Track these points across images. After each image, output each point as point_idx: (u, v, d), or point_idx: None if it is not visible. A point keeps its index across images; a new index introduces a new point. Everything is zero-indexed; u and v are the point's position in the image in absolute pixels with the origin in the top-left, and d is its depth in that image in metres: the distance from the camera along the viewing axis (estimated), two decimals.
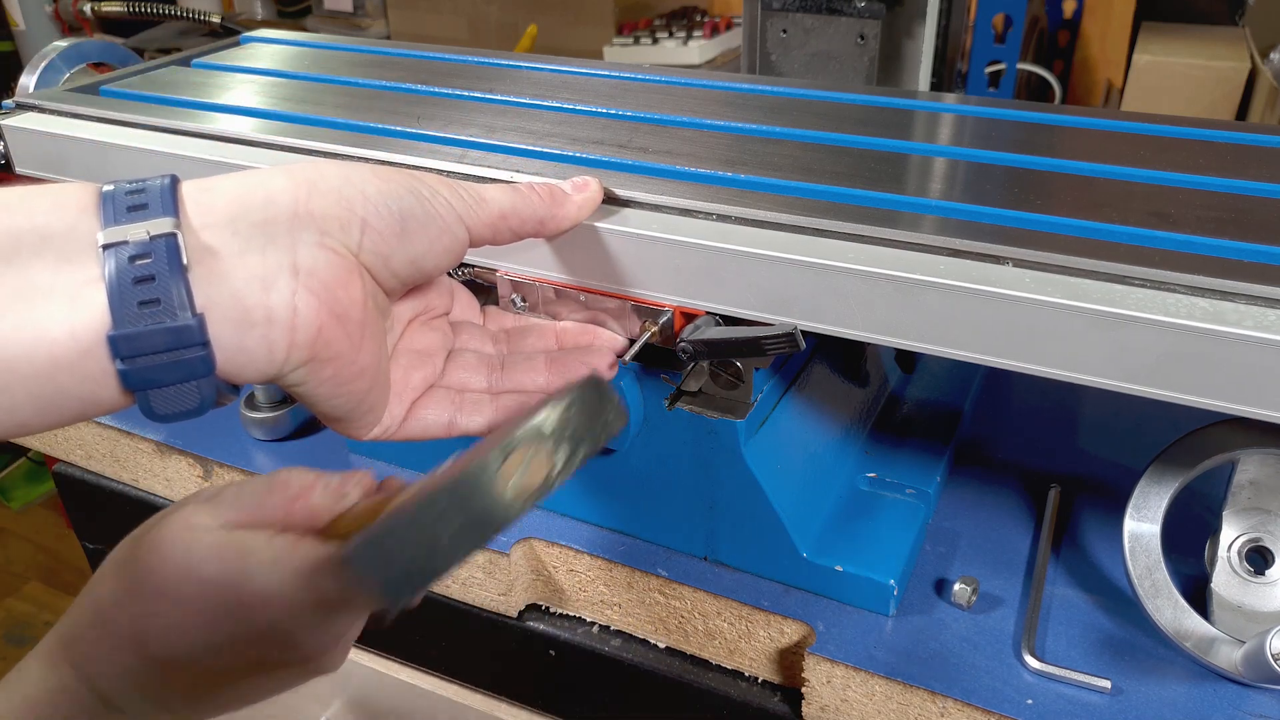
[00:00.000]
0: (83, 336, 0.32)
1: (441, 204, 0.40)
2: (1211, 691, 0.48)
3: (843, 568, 0.53)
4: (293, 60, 0.77)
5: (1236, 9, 1.51)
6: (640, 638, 0.58)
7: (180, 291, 0.33)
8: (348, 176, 0.38)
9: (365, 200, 0.38)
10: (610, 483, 0.57)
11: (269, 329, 0.35)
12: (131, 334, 0.32)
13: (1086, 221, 0.46)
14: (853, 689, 0.50)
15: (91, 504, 0.75)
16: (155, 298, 0.33)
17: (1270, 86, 1.26)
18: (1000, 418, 0.70)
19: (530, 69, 0.73)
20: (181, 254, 0.33)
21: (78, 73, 0.74)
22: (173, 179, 0.35)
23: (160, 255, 0.33)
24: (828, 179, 0.52)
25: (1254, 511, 0.50)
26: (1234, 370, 0.39)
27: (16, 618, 1.87)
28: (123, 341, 0.32)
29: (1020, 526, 0.59)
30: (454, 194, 0.41)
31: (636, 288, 0.50)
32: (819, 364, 0.60)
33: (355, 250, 0.37)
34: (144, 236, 0.33)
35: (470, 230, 0.41)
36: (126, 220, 0.33)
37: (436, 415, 0.44)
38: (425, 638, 0.65)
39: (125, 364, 0.33)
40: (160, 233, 0.33)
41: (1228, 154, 0.55)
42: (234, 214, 0.35)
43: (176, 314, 0.33)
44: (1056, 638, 0.52)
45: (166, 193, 0.35)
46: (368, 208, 0.38)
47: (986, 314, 0.42)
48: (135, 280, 0.33)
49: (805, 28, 0.81)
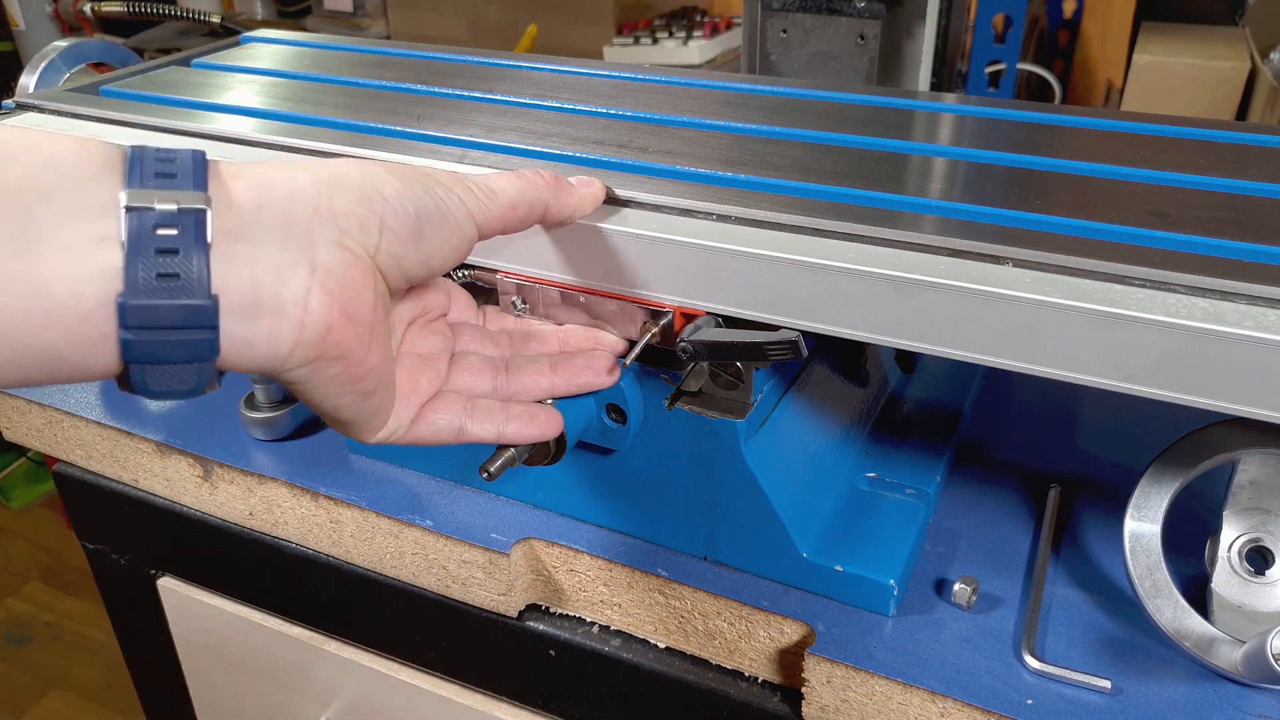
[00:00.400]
0: (88, 297, 0.31)
1: (455, 202, 0.40)
2: (1211, 691, 0.48)
3: (843, 568, 0.53)
4: (293, 60, 0.77)
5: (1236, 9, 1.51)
6: (640, 638, 0.58)
7: (202, 270, 0.32)
8: (368, 175, 0.38)
9: (384, 201, 0.38)
10: (610, 483, 0.57)
11: (277, 321, 0.34)
12: (146, 305, 0.31)
13: (1086, 221, 0.46)
14: (853, 689, 0.50)
15: (91, 504, 0.75)
16: (175, 272, 0.31)
17: (1270, 86, 1.26)
18: (1000, 418, 0.70)
19: (530, 69, 0.73)
20: (208, 232, 0.32)
21: (78, 73, 0.74)
22: (202, 155, 0.35)
23: (188, 229, 0.32)
24: (828, 179, 0.52)
25: (1254, 511, 0.50)
26: (1234, 370, 0.39)
27: (16, 618, 1.87)
28: (134, 311, 0.31)
29: (1020, 526, 0.59)
30: (467, 191, 0.41)
31: (636, 288, 0.50)
32: (819, 364, 0.60)
33: (373, 251, 0.37)
34: (172, 208, 0.32)
35: (481, 227, 0.41)
36: (154, 185, 0.32)
37: (447, 420, 0.44)
38: (425, 638, 0.65)
39: (131, 334, 0.31)
40: (191, 207, 0.32)
41: (1228, 154, 0.55)
42: (258, 202, 0.35)
43: (195, 292, 0.32)
44: (1056, 638, 0.52)
45: (199, 167, 0.34)
46: (387, 208, 0.37)
47: (986, 314, 0.42)
48: (158, 251, 0.31)
49: (805, 28, 0.81)
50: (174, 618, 0.76)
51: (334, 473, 0.64)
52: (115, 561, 0.77)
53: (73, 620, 1.86)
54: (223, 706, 0.80)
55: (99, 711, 1.67)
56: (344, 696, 0.70)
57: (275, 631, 0.71)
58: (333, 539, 0.63)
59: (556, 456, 0.51)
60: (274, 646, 0.71)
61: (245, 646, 0.73)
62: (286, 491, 0.63)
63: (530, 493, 0.61)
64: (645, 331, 0.50)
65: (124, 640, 0.84)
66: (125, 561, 0.77)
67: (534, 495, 0.61)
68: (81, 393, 0.72)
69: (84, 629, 1.84)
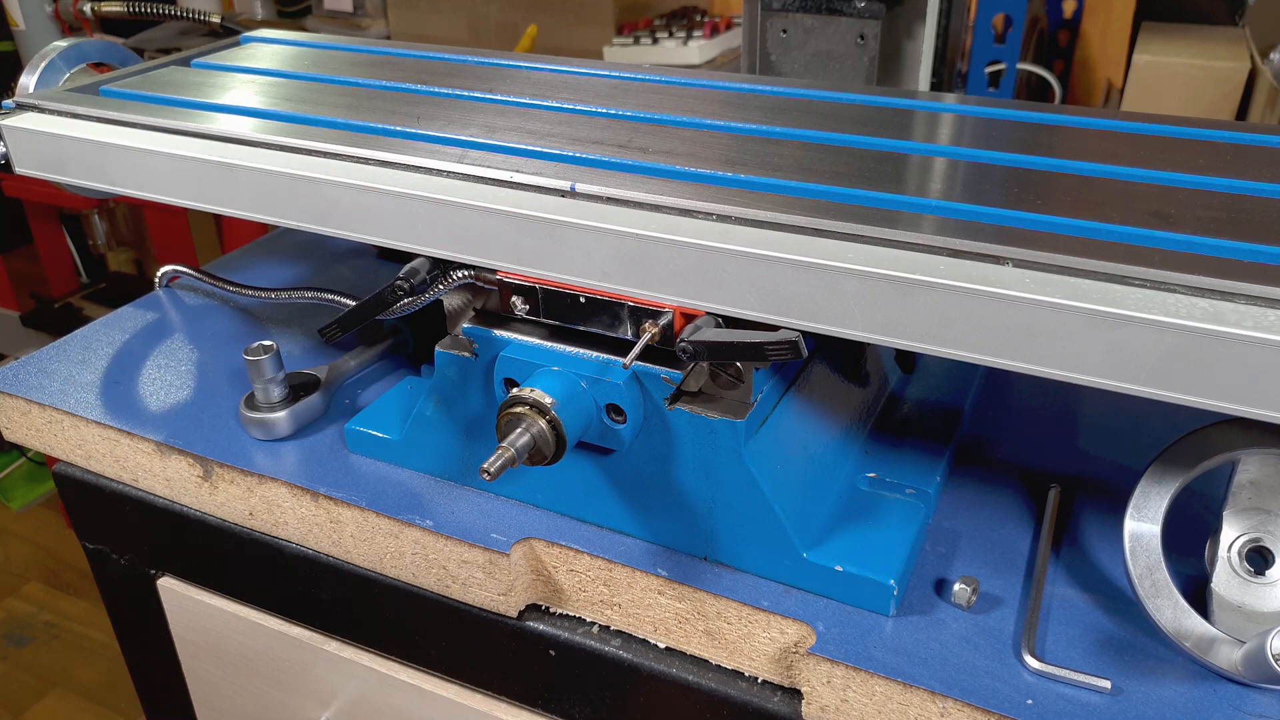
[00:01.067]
0: None
1: None
2: (1211, 691, 0.48)
3: (843, 568, 0.53)
4: (293, 60, 0.77)
5: (1236, 9, 1.51)
6: (640, 638, 0.58)
7: None
8: None
9: None
10: (610, 483, 0.57)
11: None
12: None
13: (1086, 221, 0.46)
14: (853, 689, 0.50)
15: (91, 504, 0.75)
16: None
17: (1270, 86, 1.26)
18: (1000, 418, 0.70)
19: (530, 69, 0.73)
20: None
21: (78, 73, 0.75)
22: None
23: None
24: (828, 179, 0.52)
25: (1254, 511, 0.50)
26: (1234, 370, 0.39)
27: (16, 618, 1.87)
28: None
29: (1020, 526, 0.59)
30: None
31: (636, 288, 0.50)
32: (819, 364, 0.60)
33: None
34: None
35: None
36: None
37: None
38: (425, 638, 0.65)
39: None
40: None
41: (1228, 154, 0.55)
42: None
43: None
44: (1056, 638, 0.52)
45: None
46: None
47: (986, 314, 0.42)
48: None
49: (805, 28, 0.81)
50: (174, 618, 0.76)
51: (334, 473, 0.64)
52: (115, 561, 0.77)
53: (73, 620, 1.86)
54: (223, 706, 0.80)
55: (99, 711, 1.67)
56: (344, 696, 0.70)
57: (275, 631, 0.71)
58: (333, 539, 0.63)
59: (556, 456, 0.51)
60: (274, 646, 0.71)
61: (245, 646, 0.73)
62: (286, 491, 0.63)
63: (530, 493, 0.61)
64: (645, 332, 0.50)
65: (124, 640, 0.84)
66: (125, 561, 0.77)
67: (534, 495, 0.61)
68: (81, 393, 0.72)
69: (84, 629, 1.84)
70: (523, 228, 0.52)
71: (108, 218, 2.09)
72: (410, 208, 0.55)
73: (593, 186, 0.52)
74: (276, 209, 0.60)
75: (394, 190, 0.55)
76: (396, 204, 0.55)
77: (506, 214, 0.52)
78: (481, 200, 0.53)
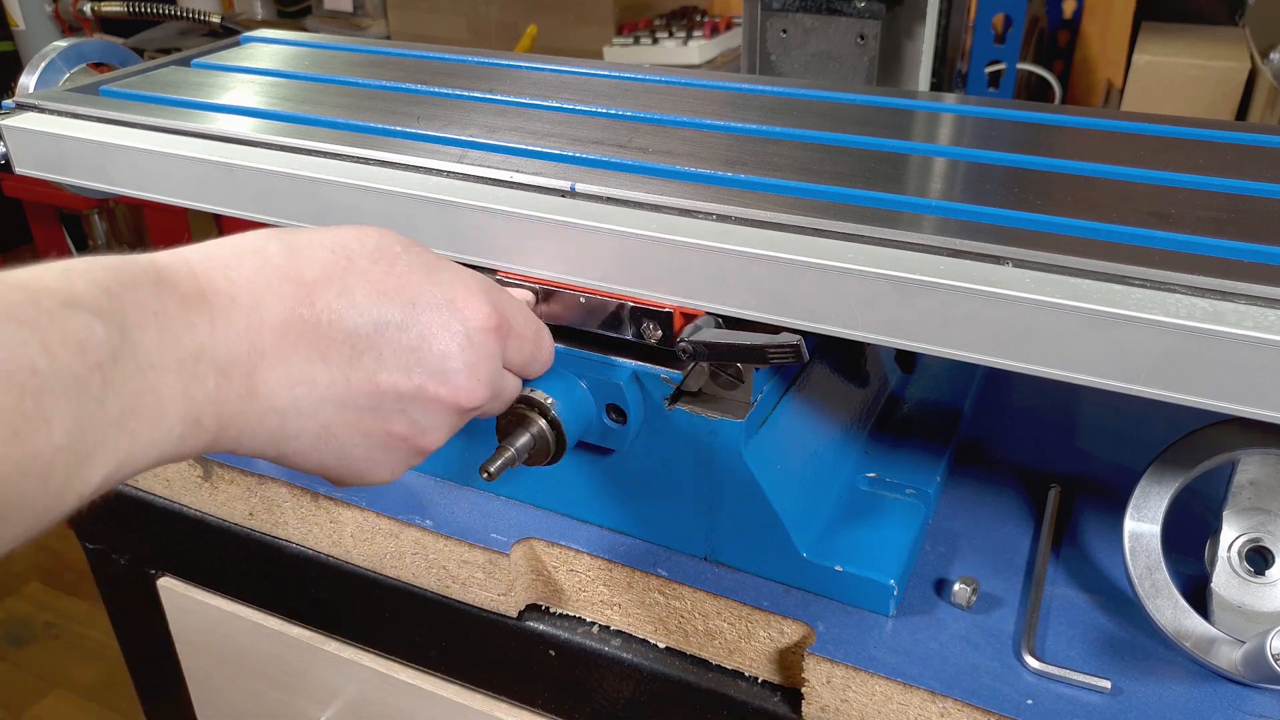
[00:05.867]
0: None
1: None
2: (1211, 691, 0.48)
3: (843, 568, 0.53)
4: (293, 60, 0.77)
5: (1236, 9, 1.51)
6: (640, 638, 0.58)
7: None
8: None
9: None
10: (610, 483, 0.57)
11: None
12: None
13: (1086, 221, 0.46)
14: (853, 689, 0.50)
15: (91, 504, 0.75)
16: None
17: (1270, 86, 1.26)
18: (1000, 418, 0.70)
19: (530, 69, 0.73)
20: None
21: (78, 73, 0.74)
22: None
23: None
24: (828, 179, 0.52)
25: (1254, 511, 0.50)
26: (1234, 370, 0.39)
27: (16, 618, 1.87)
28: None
29: (1020, 526, 0.59)
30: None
31: (636, 288, 0.50)
32: (819, 364, 0.60)
33: None
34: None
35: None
36: None
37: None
38: (425, 638, 0.65)
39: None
40: None
41: (1228, 154, 0.55)
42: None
43: None
44: (1056, 638, 0.52)
45: None
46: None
47: (986, 314, 0.42)
48: None
49: (805, 28, 0.81)
50: (174, 618, 0.76)
51: None
52: (115, 561, 0.77)
53: (73, 620, 1.86)
54: (223, 706, 0.80)
55: (99, 711, 1.67)
56: (344, 696, 0.70)
57: (275, 631, 0.71)
58: (333, 539, 0.63)
59: (556, 456, 0.51)
60: (274, 646, 0.71)
61: (245, 646, 0.73)
62: (286, 491, 0.63)
63: (530, 493, 0.61)
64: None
65: (124, 640, 0.84)
66: (125, 561, 0.77)
67: (534, 495, 0.61)
68: None
69: (84, 629, 1.84)
70: (523, 228, 0.52)
71: (108, 218, 2.09)
72: (410, 208, 0.55)
73: (593, 186, 0.52)
74: (276, 209, 0.60)
75: (394, 190, 0.55)
76: (396, 204, 0.55)
77: (506, 214, 0.52)
78: (481, 200, 0.53)
